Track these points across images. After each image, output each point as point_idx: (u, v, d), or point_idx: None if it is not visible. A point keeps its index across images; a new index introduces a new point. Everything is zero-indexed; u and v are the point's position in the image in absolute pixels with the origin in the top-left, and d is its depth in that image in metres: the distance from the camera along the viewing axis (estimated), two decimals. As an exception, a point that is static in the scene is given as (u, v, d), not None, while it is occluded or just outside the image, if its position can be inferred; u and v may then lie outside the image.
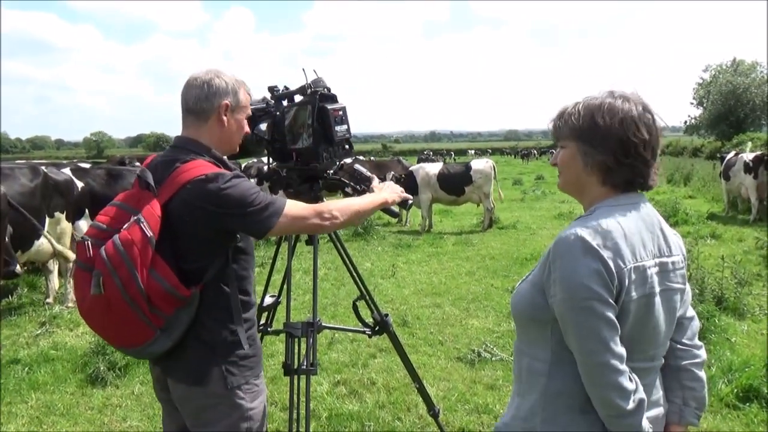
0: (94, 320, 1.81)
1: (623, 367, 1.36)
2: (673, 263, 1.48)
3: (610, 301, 1.35)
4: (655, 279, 1.44)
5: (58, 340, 5.23)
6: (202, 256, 1.83)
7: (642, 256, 1.41)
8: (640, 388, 1.39)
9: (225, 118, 1.90)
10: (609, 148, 1.43)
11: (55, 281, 6.57)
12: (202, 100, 1.87)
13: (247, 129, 2.00)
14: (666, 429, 1.57)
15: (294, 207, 1.89)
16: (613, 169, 1.45)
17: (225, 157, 1.96)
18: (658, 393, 1.55)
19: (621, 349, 1.37)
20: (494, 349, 4.67)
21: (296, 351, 2.28)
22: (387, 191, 2.26)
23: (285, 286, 2.35)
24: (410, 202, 2.39)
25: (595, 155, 1.46)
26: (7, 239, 5.11)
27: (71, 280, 6.43)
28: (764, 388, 3.69)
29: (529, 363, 1.51)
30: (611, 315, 1.35)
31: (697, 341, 1.61)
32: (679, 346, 1.58)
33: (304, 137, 2.21)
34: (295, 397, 2.24)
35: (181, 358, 1.86)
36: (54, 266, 6.54)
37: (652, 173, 1.48)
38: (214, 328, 1.86)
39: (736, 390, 3.73)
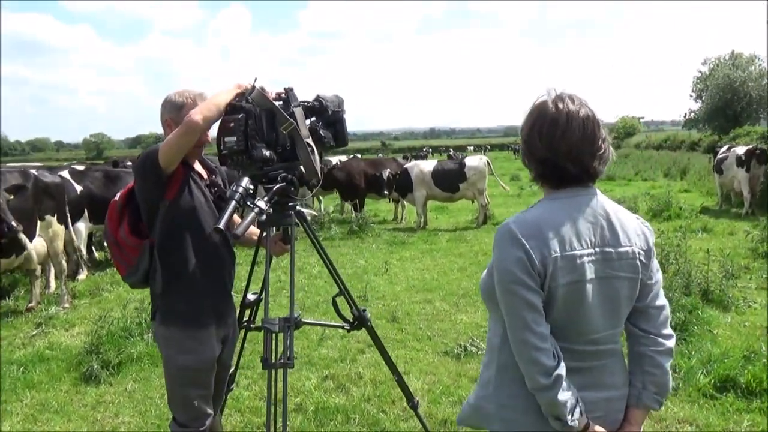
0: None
1: (543, 345, 1.49)
2: (618, 253, 1.56)
3: (532, 285, 1.50)
4: (588, 267, 1.53)
5: (53, 340, 5.32)
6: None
7: (573, 246, 1.52)
8: (562, 365, 1.51)
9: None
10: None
11: (41, 286, 6.61)
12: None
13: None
14: (626, 411, 1.66)
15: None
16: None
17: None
18: (616, 377, 1.65)
19: (542, 329, 1.50)
20: (480, 343, 4.75)
21: (274, 346, 2.36)
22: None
23: (264, 283, 2.43)
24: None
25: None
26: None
27: (66, 281, 6.53)
28: (741, 378, 3.77)
29: (490, 338, 1.70)
30: (532, 298, 1.50)
31: (665, 330, 1.64)
32: (642, 334, 1.64)
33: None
34: (273, 391, 2.32)
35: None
36: (39, 271, 6.55)
37: (570, 168, 1.54)
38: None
39: (713, 380, 3.82)
